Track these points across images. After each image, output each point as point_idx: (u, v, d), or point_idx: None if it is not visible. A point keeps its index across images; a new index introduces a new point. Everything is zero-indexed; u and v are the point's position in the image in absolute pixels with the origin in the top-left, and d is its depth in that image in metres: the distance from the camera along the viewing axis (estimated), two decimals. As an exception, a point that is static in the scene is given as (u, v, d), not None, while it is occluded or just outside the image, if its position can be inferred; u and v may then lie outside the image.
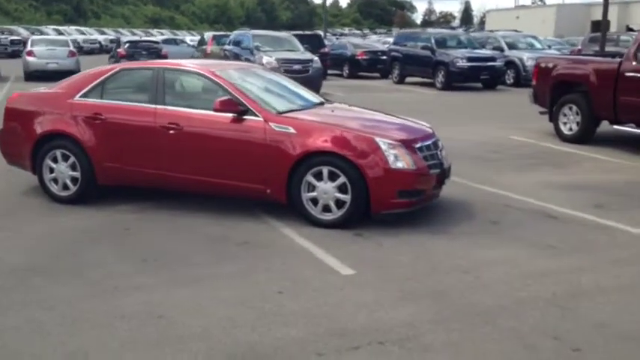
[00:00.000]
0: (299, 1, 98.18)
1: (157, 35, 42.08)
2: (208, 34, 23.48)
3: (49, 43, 20.64)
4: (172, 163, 6.02)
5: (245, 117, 5.78)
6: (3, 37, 34.84)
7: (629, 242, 5.32)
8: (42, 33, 39.71)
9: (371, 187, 5.46)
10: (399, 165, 5.51)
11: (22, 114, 6.57)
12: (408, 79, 21.03)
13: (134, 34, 46.52)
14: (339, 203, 5.56)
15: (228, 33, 21.69)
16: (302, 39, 22.59)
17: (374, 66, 23.37)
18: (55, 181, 6.38)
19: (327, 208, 5.60)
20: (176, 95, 6.18)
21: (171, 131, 5.93)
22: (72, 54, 19.86)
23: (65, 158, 6.30)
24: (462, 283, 4.32)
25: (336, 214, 5.59)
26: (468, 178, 7.61)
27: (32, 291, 4.13)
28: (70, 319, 3.72)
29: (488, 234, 5.50)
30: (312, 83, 16.73)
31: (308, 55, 17.02)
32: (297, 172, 5.61)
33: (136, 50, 20.46)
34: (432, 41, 19.51)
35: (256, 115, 5.77)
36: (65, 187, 6.35)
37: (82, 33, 43.09)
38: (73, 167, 6.29)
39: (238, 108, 5.77)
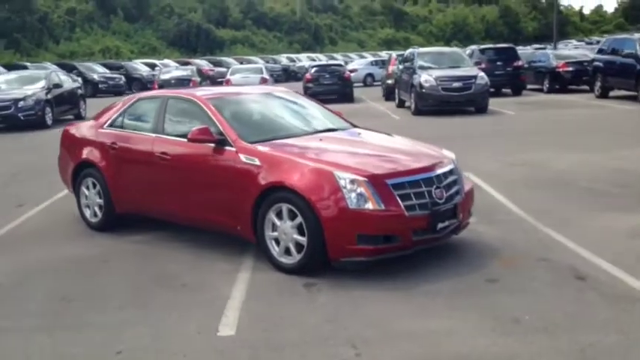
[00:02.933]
0: (548, 9, 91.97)
1: (378, 57, 42.88)
2: (393, 54, 23.19)
3: (245, 71, 22.31)
4: (165, 194, 5.88)
5: (225, 147, 5.40)
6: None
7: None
8: (276, 62, 43.32)
9: (326, 229, 4.67)
10: (364, 205, 4.63)
11: (67, 143, 7.01)
12: (615, 93, 18.19)
13: (362, 57, 48.01)
14: (300, 247, 4.87)
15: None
16: (495, 52, 21.17)
17: (579, 78, 20.66)
18: (89, 207, 6.68)
19: (288, 251, 4.95)
20: (174, 124, 6.01)
21: (164, 161, 5.81)
22: (263, 80, 21.13)
23: (94, 186, 6.56)
24: (325, 363, 3.40)
25: (295, 258, 4.90)
26: (540, 217, 6.19)
27: None
28: None
29: (462, 297, 4.31)
30: (475, 101, 15.54)
31: (473, 72, 15.70)
32: (260, 209, 5.05)
33: (321, 74, 20.99)
34: (637, 47, 16.57)
35: (231, 146, 5.36)
36: (95, 214, 6.61)
37: (312, 59, 45.83)
38: (99, 195, 6.51)
39: (214, 137, 5.41)
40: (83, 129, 6.92)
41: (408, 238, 4.73)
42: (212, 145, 5.44)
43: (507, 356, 3.38)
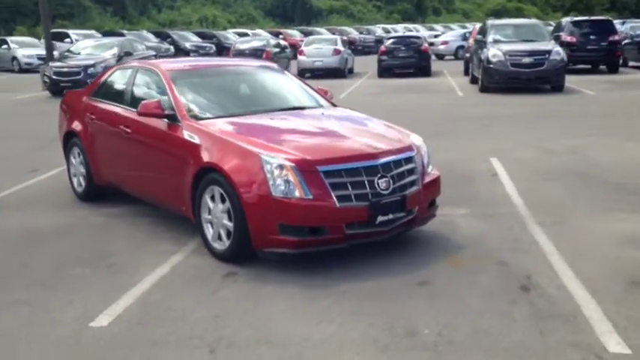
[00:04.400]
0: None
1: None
2: (476, 26, 21.77)
3: (318, 42, 21.83)
4: (129, 169, 5.73)
5: (177, 123, 5.11)
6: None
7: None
8: (369, 33, 42.37)
9: (248, 216, 4.31)
10: (291, 192, 4.20)
11: (63, 109, 7.01)
12: None
13: (464, 27, 45.87)
14: (229, 233, 4.53)
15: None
16: (589, 25, 19.49)
17: (686, 55, 18.52)
18: (76, 176, 6.65)
19: (221, 237, 4.63)
20: (139, 95, 5.78)
21: (127, 134, 5.64)
22: (336, 52, 20.58)
23: (79, 155, 6.53)
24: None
25: (225, 244, 4.57)
26: (538, 214, 5.53)
27: None
28: None
29: (375, 300, 3.82)
30: (548, 78, 14.31)
31: (547, 46, 14.37)
32: (197, 189, 4.76)
33: (397, 46, 20.09)
34: None
35: (179, 121, 5.07)
36: (80, 183, 6.58)
37: (409, 30, 44.43)
38: (83, 165, 6.46)
39: (162, 112, 5.13)
40: (75, 97, 6.88)
41: (339, 231, 4.26)
42: (166, 120, 5.18)
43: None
